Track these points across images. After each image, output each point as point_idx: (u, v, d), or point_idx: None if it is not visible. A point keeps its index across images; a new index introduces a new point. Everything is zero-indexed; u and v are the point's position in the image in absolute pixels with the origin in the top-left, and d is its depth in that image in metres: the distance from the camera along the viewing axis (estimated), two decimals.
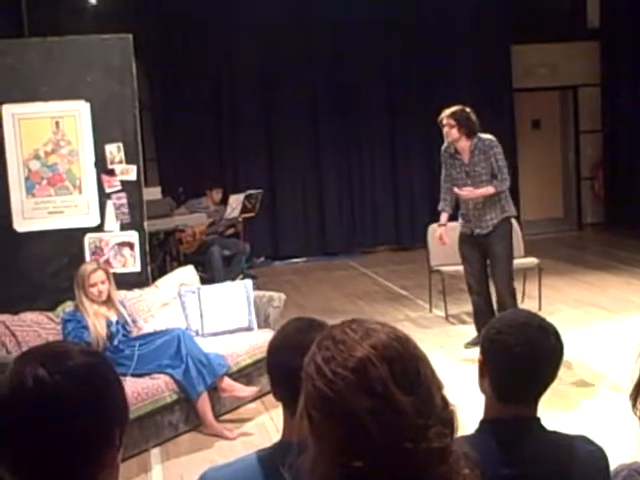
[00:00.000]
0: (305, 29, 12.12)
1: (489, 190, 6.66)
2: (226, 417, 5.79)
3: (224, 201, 10.28)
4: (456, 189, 6.76)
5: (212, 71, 11.99)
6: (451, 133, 6.69)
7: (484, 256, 6.87)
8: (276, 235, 12.47)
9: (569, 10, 13.77)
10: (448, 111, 6.75)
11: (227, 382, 5.66)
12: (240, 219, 10.21)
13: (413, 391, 1.25)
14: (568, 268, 10.37)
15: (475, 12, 12.63)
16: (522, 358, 2.06)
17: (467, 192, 6.68)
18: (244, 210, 10.11)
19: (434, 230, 8.53)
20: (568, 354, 6.57)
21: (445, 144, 6.91)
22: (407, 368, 1.27)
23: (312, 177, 12.61)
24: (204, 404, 5.48)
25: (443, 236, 7.16)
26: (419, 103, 12.61)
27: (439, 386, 1.30)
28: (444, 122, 6.72)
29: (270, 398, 2.17)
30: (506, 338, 2.10)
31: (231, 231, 10.37)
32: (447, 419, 1.28)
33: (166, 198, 10.03)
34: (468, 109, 6.77)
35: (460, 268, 8.21)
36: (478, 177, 6.73)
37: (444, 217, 7.13)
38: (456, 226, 7.56)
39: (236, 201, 10.01)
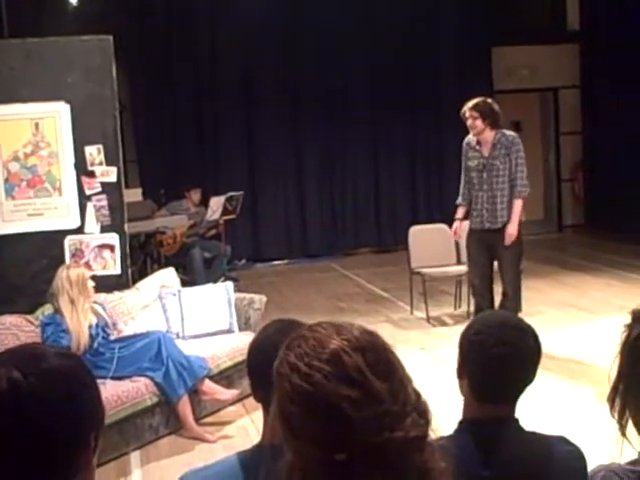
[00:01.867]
0: (288, 30, 12.12)
1: (519, 206, 6.66)
2: (207, 420, 5.78)
3: (204, 202, 10.26)
4: (506, 240, 6.65)
5: (193, 72, 11.97)
6: (476, 124, 6.65)
7: (491, 257, 6.84)
8: (257, 237, 12.46)
9: (549, 12, 13.86)
10: (470, 103, 6.70)
11: (208, 385, 5.64)
12: (221, 221, 10.19)
13: (388, 378, 1.26)
14: (549, 270, 10.42)
15: (457, 14, 12.69)
16: (500, 358, 2.07)
17: (509, 237, 6.63)
18: (225, 212, 10.10)
19: (419, 230, 8.57)
20: (548, 355, 6.59)
21: (468, 137, 6.87)
22: (380, 357, 1.29)
23: (293, 179, 12.62)
24: (184, 407, 5.46)
25: (458, 230, 7.15)
26: (401, 105, 12.64)
27: (409, 379, 1.32)
28: (467, 114, 6.67)
29: (251, 401, 2.16)
30: (484, 338, 2.10)
31: (212, 232, 10.35)
32: (422, 409, 1.29)
33: (147, 200, 10.00)
34: (490, 100, 6.78)
35: (441, 270, 8.27)
36: (495, 171, 6.69)
37: (461, 212, 7.09)
38: (443, 227, 7.60)
39: (217, 203, 9.99)
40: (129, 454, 5.26)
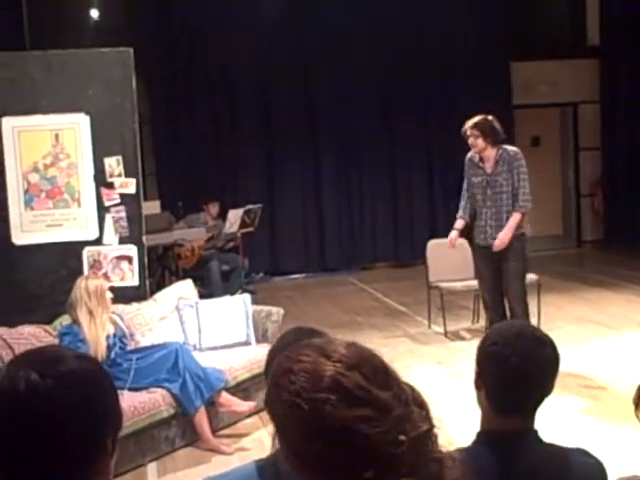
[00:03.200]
0: (306, 43, 12.14)
1: (516, 219, 6.65)
2: (223, 432, 5.76)
3: (222, 215, 10.28)
4: (495, 246, 6.67)
5: (212, 86, 12.01)
6: (477, 143, 6.70)
7: (498, 270, 6.84)
8: (275, 251, 12.46)
9: (569, 27, 13.83)
10: (471, 122, 6.75)
11: (225, 397, 5.64)
12: (239, 234, 10.20)
13: (388, 385, 1.25)
14: (567, 285, 10.36)
15: (475, 28, 12.67)
16: (518, 369, 2.05)
17: (499, 242, 6.63)
18: (243, 225, 10.11)
19: (437, 244, 8.55)
20: (568, 369, 6.55)
21: (470, 153, 6.92)
22: (374, 367, 1.27)
23: (311, 192, 12.62)
24: (201, 419, 5.45)
25: (454, 240, 7.16)
26: (419, 118, 12.65)
27: (398, 374, 1.30)
28: (468, 133, 6.73)
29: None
30: (501, 349, 2.08)
31: (230, 245, 10.36)
32: (420, 401, 1.28)
33: (165, 212, 10.03)
34: (491, 117, 6.79)
35: (459, 284, 8.25)
36: (499, 187, 6.73)
37: (460, 223, 7.14)
38: (462, 242, 7.58)
39: (235, 216, 10.01)
40: (145, 465, 5.25)
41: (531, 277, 8.09)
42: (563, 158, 14.19)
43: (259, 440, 5.55)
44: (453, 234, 7.18)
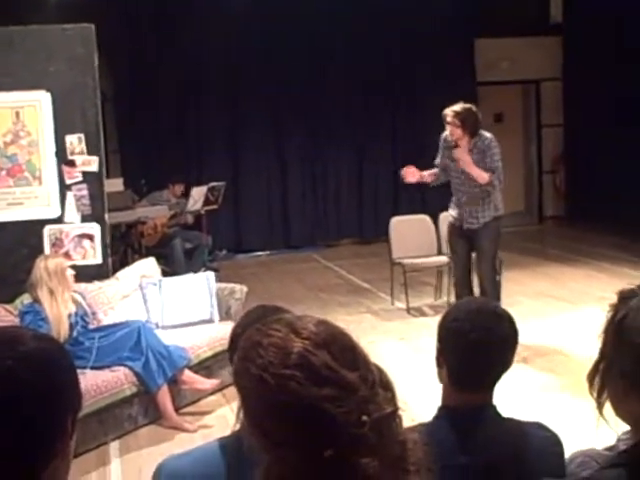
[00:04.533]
0: (273, 26, 12.04)
1: (483, 176, 6.59)
2: (186, 410, 5.77)
3: (186, 194, 10.23)
4: (455, 152, 6.67)
5: (177, 63, 11.89)
6: (456, 132, 6.65)
7: (471, 248, 6.90)
8: (239, 228, 12.43)
9: (532, 4, 13.87)
10: (454, 109, 6.64)
11: (188, 374, 5.64)
12: (202, 211, 10.16)
13: (356, 365, 1.25)
14: (528, 261, 10.47)
15: (440, 6, 12.65)
16: (477, 344, 2.08)
17: (462, 156, 6.59)
18: (207, 202, 10.07)
19: (400, 221, 8.59)
20: (528, 344, 6.61)
21: (446, 133, 6.87)
22: (343, 346, 1.27)
23: (276, 170, 12.60)
24: (164, 397, 5.45)
25: (412, 173, 7.08)
26: (385, 96, 12.66)
27: (367, 354, 1.30)
28: (449, 120, 6.65)
29: (231, 390, 2.16)
30: (462, 325, 2.11)
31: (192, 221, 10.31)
32: (386, 382, 1.28)
33: (128, 190, 9.94)
34: (475, 108, 6.73)
35: (421, 261, 8.31)
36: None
37: (427, 171, 7.08)
38: (425, 218, 7.58)
39: (199, 193, 9.97)
40: (108, 444, 5.24)
41: None
42: (525, 135, 14.30)
43: (222, 417, 5.56)
44: (416, 170, 7.09)
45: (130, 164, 11.61)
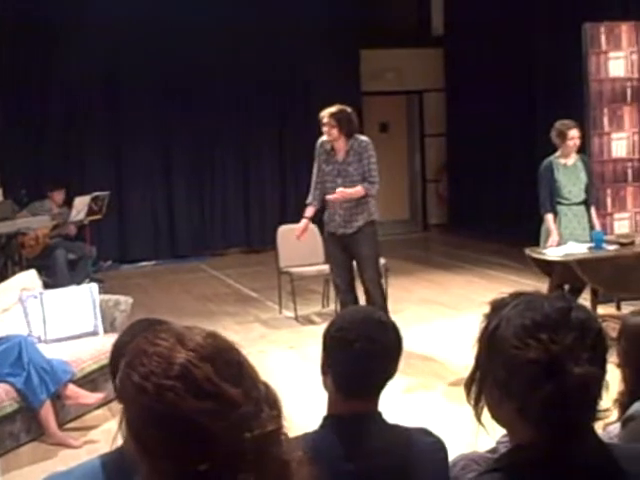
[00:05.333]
0: (155, 26, 11.88)
1: (359, 192, 6.69)
2: (71, 425, 5.63)
3: (68, 203, 10.00)
4: (328, 196, 6.74)
5: (55, 69, 11.60)
6: (332, 133, 6.71)
7: (350, 257, 6.93)
8: (124, 238, 12.22)
9: (415, 17, 14.17)
10: (330, 110, 6.74)
11: (71, 389, 5.50)
12: (86, 221, 9.95)
13: (240, 381, 1.24)
14: (414, 268, 10.66)
15: (326, 17, 12.77)
16: (362, 353, 2.10)
17: (338, 194, 6.65)
18: (90, 212, 9.87)
19: (287, 230, 8.61)
20: (413, 350, 6.72)
21: (321, 139, 6.93)
22: (228, 361, 1.26)
23: (161, 179, 12.44)
24: (47, 413, 5.30)
25: (303, 230, 7.11)
26: (270, 106, 12.67)
27: (256, 372, 1.30)
28: (325, 121, 6.72)
29: (117, 404, 2.11)
30: (346, 334, 2.13)
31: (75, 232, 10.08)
32: (272, 400, 1.28)
33: (8, 200, 9.67)
34: (349, 109, 6.83)
35: (309, 269, 8.36)
36: (349, 177, 6.77)
37: (310, 211, 7.10)
38: (312, 227, 7.63)
39: (81, 203, 9.76)
40: None
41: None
42: (410, 144, 14.57)
43: (108, 432, 5.44)
44: (302, 223, 7.16)
45: (10, 174, 11.24)
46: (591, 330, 1.41)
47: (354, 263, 6.97)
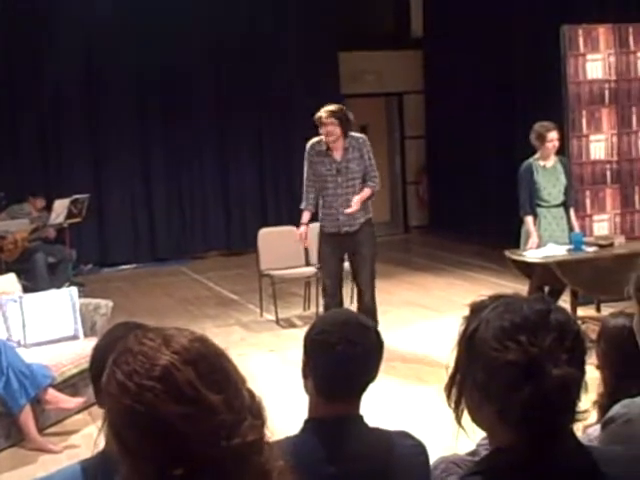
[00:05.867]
0: (131, 28, 11.85)
1: (368, 193, 6.76)
2: (51, 430, 5.60)
3: (48, 207, 9.95)
4: (347, 210, 6.67)
5: (33, 73, 11.53)
6: (335, 132, 6.65)
7: (343, 258, 6.91)
8: (104, 241, 12.16)
9: (394, 19, 14.20)
10: (328, 109, 6.69)
11: (51, 393, 5.46)
12: (66, 224, 9.90)
13: (222, 388, 1.24)
14: (395, 270, 10.66)
15: (304, 20, 12.79)
16: (343, 356, 2.10)
17: (357, 205, 6.66)
18: (70, 215, 9.83)
19: (268, 232, 8.60)
20: (395, 352, 6.72)
21: (312, 141, 6.88)
22: (212, 366, 1.26)
23: (140, 181, 12.39)
24: (26, 418, 5.26)
25: (305, 235, 7.00)
26: (250, 107, 12.65)
27: (243, 380, 1.30)
28: (324, 120, 6.66)
29: (97, 408, 2.11)
30: (327, 337, 2.12)
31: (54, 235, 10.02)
32: (256, 411, 1.28)
33: None
34: (344, 107, 6.84)
35: (289, 272, 8.35)
36: (351, 174, 6.76)
37: (307, 216, 6.99)
38: (293, 230, 7.59)
39: (61, 206, 9.71)
40: None
41: None
42: (390, 146, 14.59)
43: (89, 436, 5.41)
44: (302, 229, 7.01)
45: None
46: (570, 332, 1.42)
47: (345, 266, 6.95)
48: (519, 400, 1.37)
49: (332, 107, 6.75)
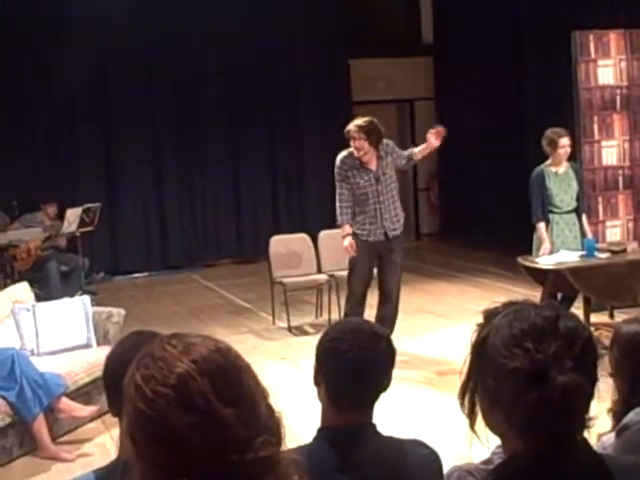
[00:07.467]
0: (144, 30, 11.88)
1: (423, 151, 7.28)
2: (64, 438, 5.61)
3: (60, 215, 9.98)
4: (433, 139, 7.14)
5: (47, 83, 11.58)
6: (363, 146, 6.76)
7: (374, 264, 6.99)
8: (116, 250, 12.20)
9: (404, 26, 14.20)
10: (357, 124, 6.78)
11: (65, 402, 5.48)
12: (78, 233, 9.93)
13: (236, 403, 1.23)
14: (407, 277, 10.54)
15: (315, 28, 12.81)
16: (354, 363, 2.09)
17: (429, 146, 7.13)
18: (82, 224, 9.86)
19: (280, 240, 8.60)
20: (408, 360, 6.70)
21: (342, 155, 6.94)
22: (229, 380, 1.25)
23: (152, 189, 12.43)
24: (40, 426, 5.27)
25: (353, 245, 6.90)
26: (262, 116, 12.67)
27: (264, 395, 1.29)
28: (352, 134, 6.76)
29: (110, 416, 2.11)
30: (339, 345, 2.12)
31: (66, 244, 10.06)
32: (273, 427, 1.27)
33: None
34: (375, 120, 6.89)
35: (302, 279, 8.34)
36: (389, 179, 6.92)
37: (348, 227, 6.95)
38: (304, 237, 7.54)
39: (73, 215, 9.75)
40: None
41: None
42: None
43: (102, 445, 5.43)
44: (348, 241, 6.90)
45: (1, 185, 11.23)
46: (579, 338, 1.41)
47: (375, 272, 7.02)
48: (524, 407, 1.37)
49: (360, 121, 6.84)
